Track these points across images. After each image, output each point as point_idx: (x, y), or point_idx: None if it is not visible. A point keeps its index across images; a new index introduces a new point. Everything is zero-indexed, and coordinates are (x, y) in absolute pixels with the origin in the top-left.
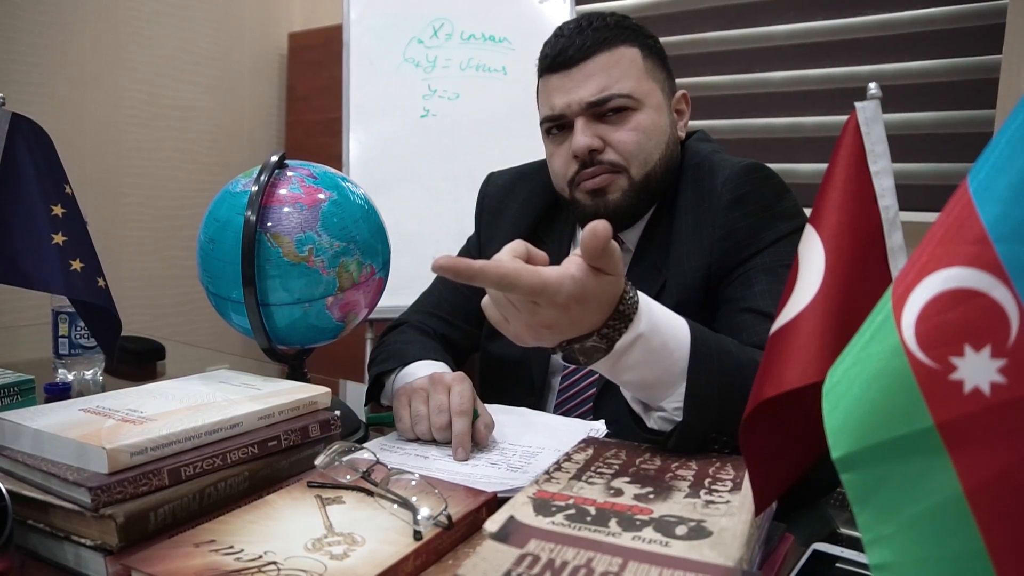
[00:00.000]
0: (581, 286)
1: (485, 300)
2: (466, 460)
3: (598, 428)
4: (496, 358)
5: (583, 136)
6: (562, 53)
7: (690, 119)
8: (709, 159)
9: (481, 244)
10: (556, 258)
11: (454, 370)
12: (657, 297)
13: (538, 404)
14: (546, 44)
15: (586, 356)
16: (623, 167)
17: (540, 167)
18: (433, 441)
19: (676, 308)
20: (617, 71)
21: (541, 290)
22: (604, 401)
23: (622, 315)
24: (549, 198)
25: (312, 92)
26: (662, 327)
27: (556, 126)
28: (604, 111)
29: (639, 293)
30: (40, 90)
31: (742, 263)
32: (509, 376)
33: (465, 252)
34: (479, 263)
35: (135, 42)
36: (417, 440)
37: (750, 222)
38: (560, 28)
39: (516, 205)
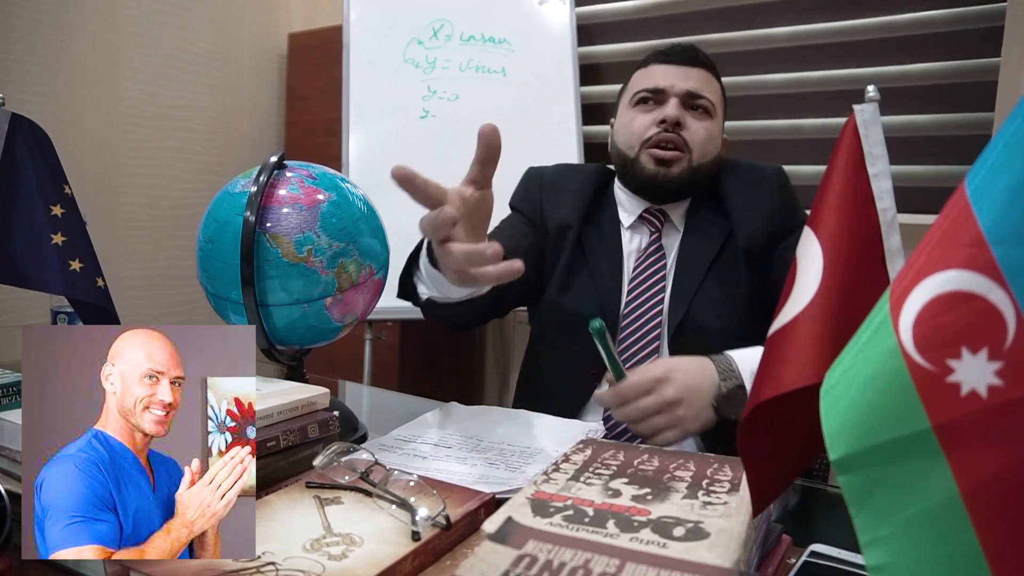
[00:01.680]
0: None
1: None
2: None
3: (596, 429)
4: (566, 312)
5: (675, 109)
6: (683, 53)
7: None
8: (738, 162)
9: (544, 211)
10: (605, 237)
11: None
12: (722, 248)
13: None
14: (660, 47)
15: (737, 401)
16: (689, 149)
17: (584, 166)
18: (433, 441)
19: (745, 252)
20: (709, 87)
21: None
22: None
23: (723, 363)
24: (597, 187)
25: (312, 92)
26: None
27: (649, 98)
28: (694, 104)
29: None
30: (39, 90)
31: (791, 231)
32: (581, 329)
33: (517, 220)
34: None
35: (135, 42)
36: (420, 439)
37: (793, 202)
38: (674, 44)
39: (575, 185)
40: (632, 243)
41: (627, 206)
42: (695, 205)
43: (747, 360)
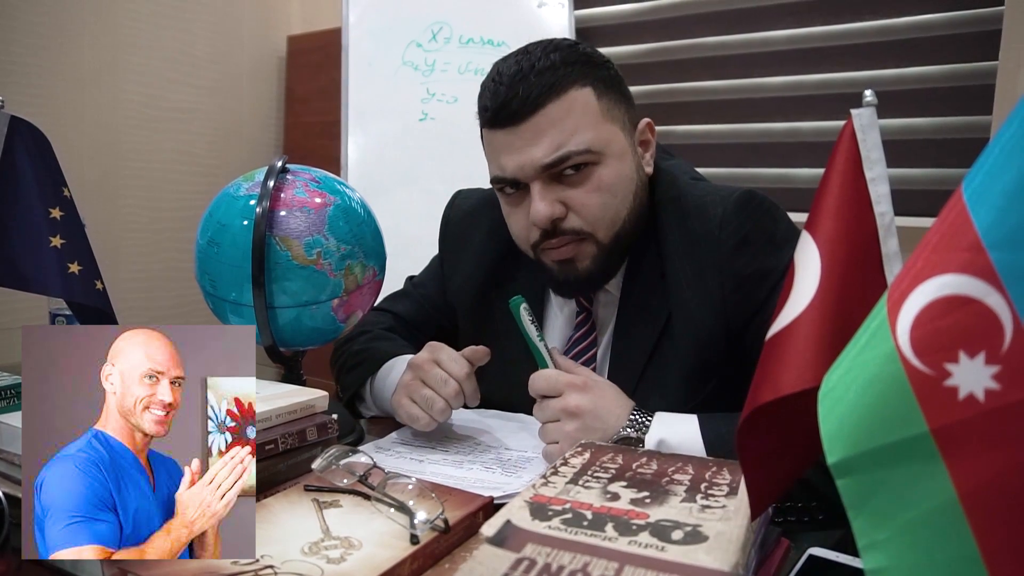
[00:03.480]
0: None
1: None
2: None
3: None
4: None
5: (542, 204)
6: (505, 107)
7: (690, 124)
8: (690, 193)
9: (444, 274)
10: (529, 290)
11: None
12: (662, 334)
13: None
14: (484, 90)
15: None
16: (588, 233)
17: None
18: (431, 445)
19: (697, 355)
20: (571, 122)
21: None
22: None
23: (642, 415)
24: (508, 240)
25: (311, 95)
26: (678, 428)
27: (510, 189)
28: (563, 171)
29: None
30: (39, 92)
31: (762, 304)
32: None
33: (430, 278)
34: None
35: (134, 44)
36: (418, 442)
37: (759, 262)
38: (498, 72)
39: (481, 235)
40: (562, 312)
41: None
42: (635, 257)
43: (667, 426)
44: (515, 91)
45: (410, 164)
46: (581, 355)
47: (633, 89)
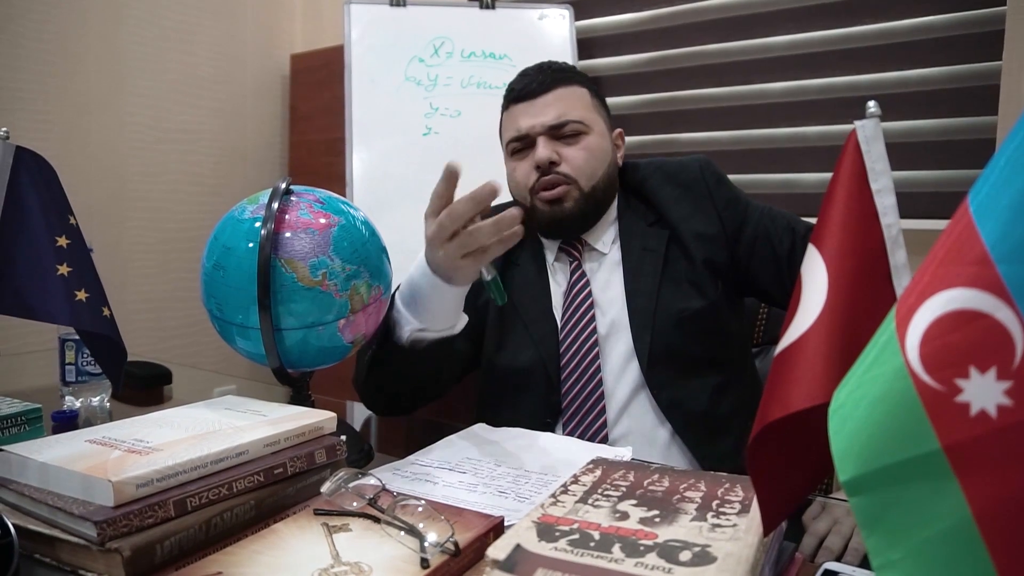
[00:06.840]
0: None
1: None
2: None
3: (624, 454)
4: (505, 370)
5: (544, 150)
6: (527, 87)
7: (693, 132)
8: (666, 162)
9: None
10: (531, 278)
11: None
12: (668, 248)
13: (556, 404)
14: (513, 82)
15: None
16: (573, 179)
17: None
18: (448, 466)
19: (705, 254)
20: (571, 102)
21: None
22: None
23: None
24: None
25: (315, 113)
26: None
27: (520, 146)
28: (561, 133)
29: None
30: (46, 118)
31: (745, 220)
32: (523, 383)
33: None
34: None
35: (138, 67)
36: (435, 464)
37: (734, 193)
38: (525, 70)
39: None
40: (562, 279)
41: (547, 243)
42: (624, 221)
43: None
44: (536, 78)
45: (415, 178)
46: (582, 298)
47: (635, 98)
